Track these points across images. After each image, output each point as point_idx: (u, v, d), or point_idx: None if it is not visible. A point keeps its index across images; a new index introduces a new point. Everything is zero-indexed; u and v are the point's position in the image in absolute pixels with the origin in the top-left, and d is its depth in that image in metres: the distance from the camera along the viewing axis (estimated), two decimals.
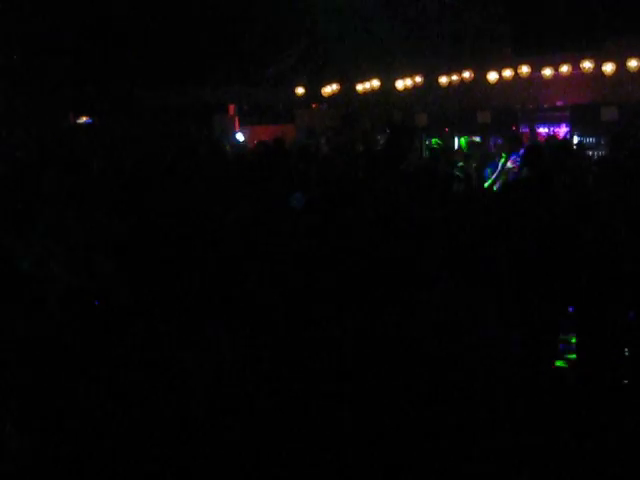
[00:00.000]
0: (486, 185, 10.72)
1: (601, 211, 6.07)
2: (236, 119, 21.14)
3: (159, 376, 4.69)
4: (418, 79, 17.72)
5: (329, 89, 19.19)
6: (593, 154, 14.08)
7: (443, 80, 17.26)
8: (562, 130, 16.69)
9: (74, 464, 4.36)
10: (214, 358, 4.78)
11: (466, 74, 16.87)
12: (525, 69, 16.13)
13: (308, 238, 5.52)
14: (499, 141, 15.01)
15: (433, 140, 14.42)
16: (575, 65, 15.59)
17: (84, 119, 22.33)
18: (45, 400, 4.46)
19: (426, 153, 14.87)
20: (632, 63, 14.86)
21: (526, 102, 17.03)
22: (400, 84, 17.95)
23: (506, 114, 17.16)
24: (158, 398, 4.62)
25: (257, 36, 19.22)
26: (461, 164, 11.40)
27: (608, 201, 6.11)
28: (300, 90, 19.66)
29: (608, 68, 15.20)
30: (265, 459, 4.53)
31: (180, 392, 4.67)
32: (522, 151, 10.09)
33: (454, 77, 17.12)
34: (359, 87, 18.70)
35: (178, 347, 4.75)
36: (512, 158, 11.07)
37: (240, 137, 19.09)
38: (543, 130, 16.86)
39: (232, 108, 21.18)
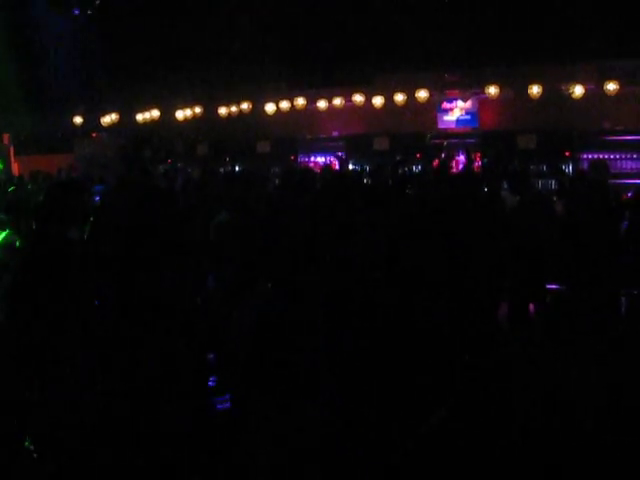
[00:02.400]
0: None
1: None
2: (11, 149, 20.22)
3: None
4: (198, 109, 17.83)
5: (108, 119, 18.83)
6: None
7: (222, 111, 17.47)
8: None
9: None
10: None
11: (244, 105, 17.17)
12: (301, 101, 16.67)
13: None
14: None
15: None
16: (347, 98, 16.31)
17: None
18: None
19: None
20: (399, 97, 15.76)
21: (304, 133, 17.49)
22: (180, 114, 17.97)
23: (285, 144, 17.56)
24: None
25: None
26: None
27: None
28: (78, 119, 19.13)
29: (378, 101, 16.01)
30: None
31: None
32: None
33: (233, 108, 17.37)
34: (139, 117, 18.51)
35: None
36: None
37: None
38: (320, 159, 17.37)
39: (7, 137, 20.23)
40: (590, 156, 14.70)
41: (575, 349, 6.20)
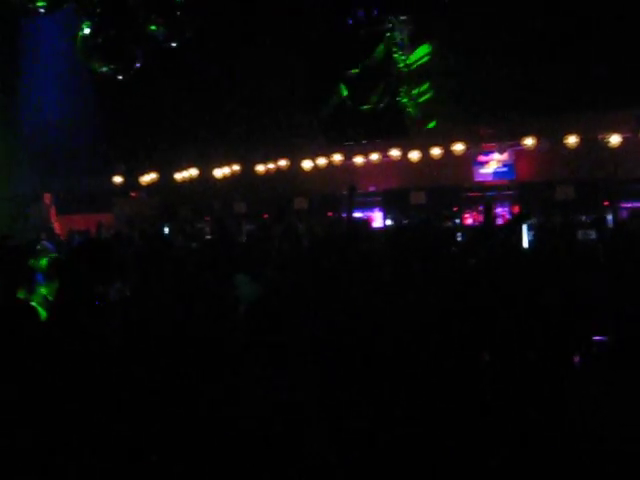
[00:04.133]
0: None
1: None
2: (52, 208, 20.57)
3: None
4: (235, 167, 18.06)
5: (147, 178, 19.13)
6: None
7: (260, 168, 17.67)
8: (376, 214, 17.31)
9: None
10: None
11: (282, 162, 17.37)
12: (338, 157, 16.82)
13: None
14: None
15: None
16: (384, 153, 16.44)
17: None
18: None
19: None
20: (435, 151, 15.85)
21: (341, 188, 17.56)
22: (218, 172, 18.20)
23: (322, 200, 17.63)
24: None
25: None
26: None
27: None
28: (118, 179, 19.47)
29: (414, 155, 16.11)
30: None
31: None
32: None
33: (270, 165, 17.57)
34: (177, 176, 18.78)
35: None
36: None
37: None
38: (358, 215, 17.41)
39: (48, 197, 20.59)
40: (629, 205, 14.61)
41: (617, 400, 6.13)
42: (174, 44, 9.70)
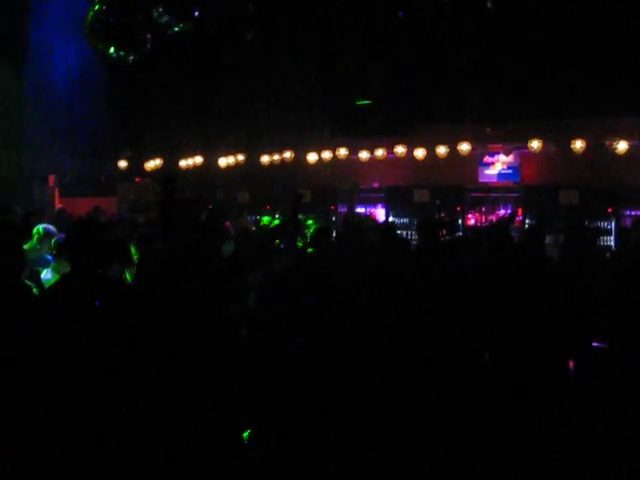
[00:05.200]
0: None
1: None
2: (56, 190, 20.54)
3: None
4: (240, 157, 18.01)
5: (152, 164, 19.10)
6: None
7: (264, 159, 17.62)
8: (379, 210, 17.25)
9: None
10: None
11: (286, 154, 17.32)
12: (343, 151, 16.76)
13: None
14: None
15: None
16: (389, 149, 16.37)
17: None
18: None
19: None
20: (440, 150, 15.78)
21: (344, 183, 17.51)
22: (222, 162, 18.16)
23: (326, 194, 17.57)
24: None
25: None
26: None
27: None
28: (123, 163, 19.45)
29: (419, 153, 16.04)
30: None
31: None
32: None
33: (275, 156, 17.52)
34: (182, 163, 18.75)
35: None
36: None
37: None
38: (360, 210, 17.37)
39: (52, 179, 20.57)
40: (633, 213, 14.52)
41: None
42: (177, 29, 9.62)
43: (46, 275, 6.84)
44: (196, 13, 9.46)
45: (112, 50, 10.57)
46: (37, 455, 4.37)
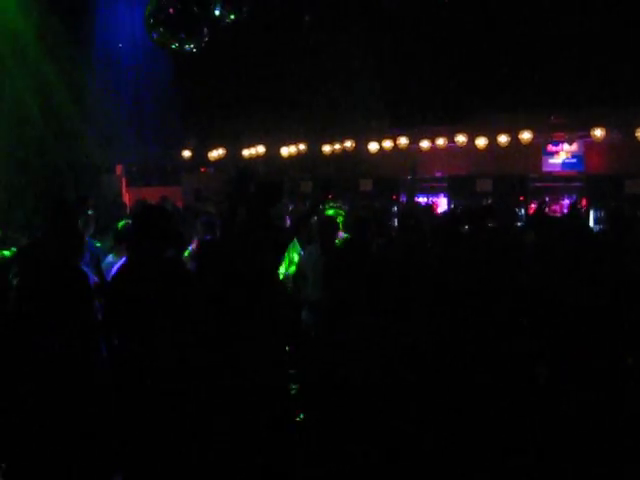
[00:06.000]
0: None
1: None
2: (123, 180, 20.95)
3: None
4: (302, 147, 18.09)
5: (215, 153, 19.32)
6: None
7: (326, 149, 17.66)
8: (441, 200, 17.13)
9: None
10: None
11: (347, 144, 17.32)
12: (403, 140, 16.70)
13: None
14: None
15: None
16: (450, 138, 16.23)
17: None
18: None
19: None
20: (502, 138, 15.57)
21: (406, 173, 17.42)
22: (285, 151, 18.27)
23: (388, 183, 17.52)
24: None
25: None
26: None
27: None
28: (187, 153, 19.72)
29: (481, 142, 15.87)
30: None
31: None
32: None
33: (336, 146, 17.54)
34: (245, 152, 18.91)
35: None
36: None
37: None
38: (422, 200, 17.27)
39: (119, 168, 20.98)
40: None
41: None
42: (232, 19, 9.69)
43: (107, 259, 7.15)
44: (245, 6, 9.48)
45: (169, 42, 10.74)
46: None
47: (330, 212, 8.48)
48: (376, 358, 5.77)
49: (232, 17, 9.20)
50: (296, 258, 8.04)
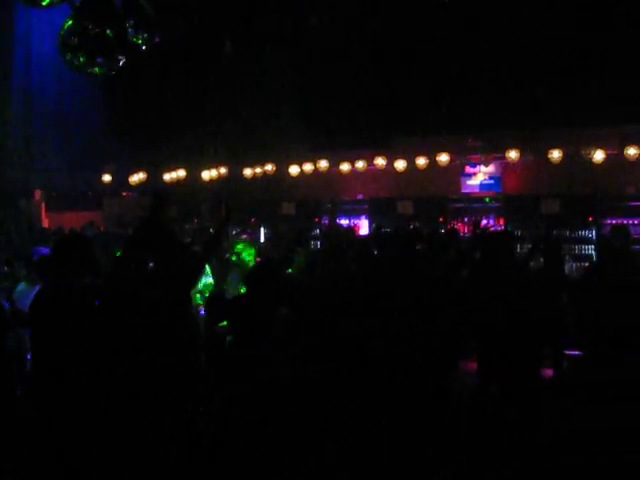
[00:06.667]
0: None
1: None
2: (42, 205, 20.57)
3: None
4: (223, 170, 18.01)
5: (136, 178, 19.10)
6: None
7: (247, 172, 17.62)
8: (362, 222, 17.23)
9: None
10: None
11: (268, 167, 17.32)
12: (324, 163, 16.77)
13: None
14: None
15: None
16: (370, 161, 16.38)
17: None
18: None
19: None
20: (420, 161, 15.79)
21: (327, 195, 17.49)
22: (206, 174, 18.16)
23: (309, 206, 17.56)
24: None
25: None
26: None
27: None
28: (107, 178, 19.45)
29: (400, 165, 16.04)
30: None
31: None
32: None
33: (257, 169, 17.52)
34: (166, 177, 18.74)
35: None
36: None
37: None
38: (344, 222, 17.34)
39: (38, 193, 20.59)
40: (613, 221, 14.46)
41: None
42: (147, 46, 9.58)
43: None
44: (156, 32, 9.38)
45: (83, 65, 10.52)
46: None
47: (239, 247, 8.39)
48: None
49: (140, 42, 9.08)
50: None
